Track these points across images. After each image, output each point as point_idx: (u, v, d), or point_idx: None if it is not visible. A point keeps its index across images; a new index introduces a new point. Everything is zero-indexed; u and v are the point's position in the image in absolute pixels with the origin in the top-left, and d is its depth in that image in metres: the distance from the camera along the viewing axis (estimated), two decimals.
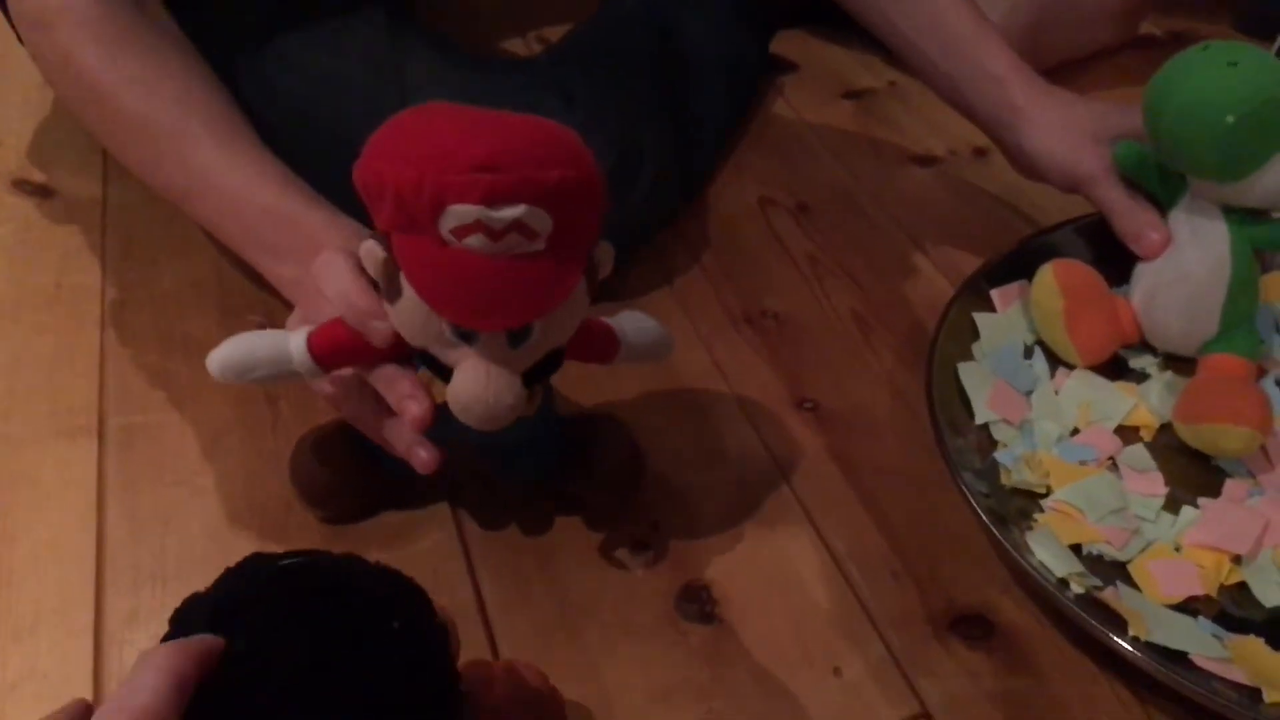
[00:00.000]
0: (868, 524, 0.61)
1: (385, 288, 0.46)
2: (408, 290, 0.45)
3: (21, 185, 0.84)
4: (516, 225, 0.42)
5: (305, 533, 0.59)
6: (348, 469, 0.57)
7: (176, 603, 0.37)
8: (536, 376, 0.48)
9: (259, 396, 0.66)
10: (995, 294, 0.68)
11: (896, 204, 0.86)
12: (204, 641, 0.33)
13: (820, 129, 0.95)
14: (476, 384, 0.45)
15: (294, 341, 0.49)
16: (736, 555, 0.59)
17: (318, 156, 0.60)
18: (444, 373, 0.47)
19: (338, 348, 0.49)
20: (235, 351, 0.49)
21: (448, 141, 0.42)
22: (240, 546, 0.58)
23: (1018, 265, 0.70)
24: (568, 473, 0.58)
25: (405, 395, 0.49)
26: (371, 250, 0.46)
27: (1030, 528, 0.56)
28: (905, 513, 0.61)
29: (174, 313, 0.73)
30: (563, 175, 0.42)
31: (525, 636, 0.54)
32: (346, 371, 0.52)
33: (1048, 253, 0.69)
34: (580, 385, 0.67)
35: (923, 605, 0.56)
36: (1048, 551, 0.54)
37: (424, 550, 0.58)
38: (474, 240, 0.42)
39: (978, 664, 0.54)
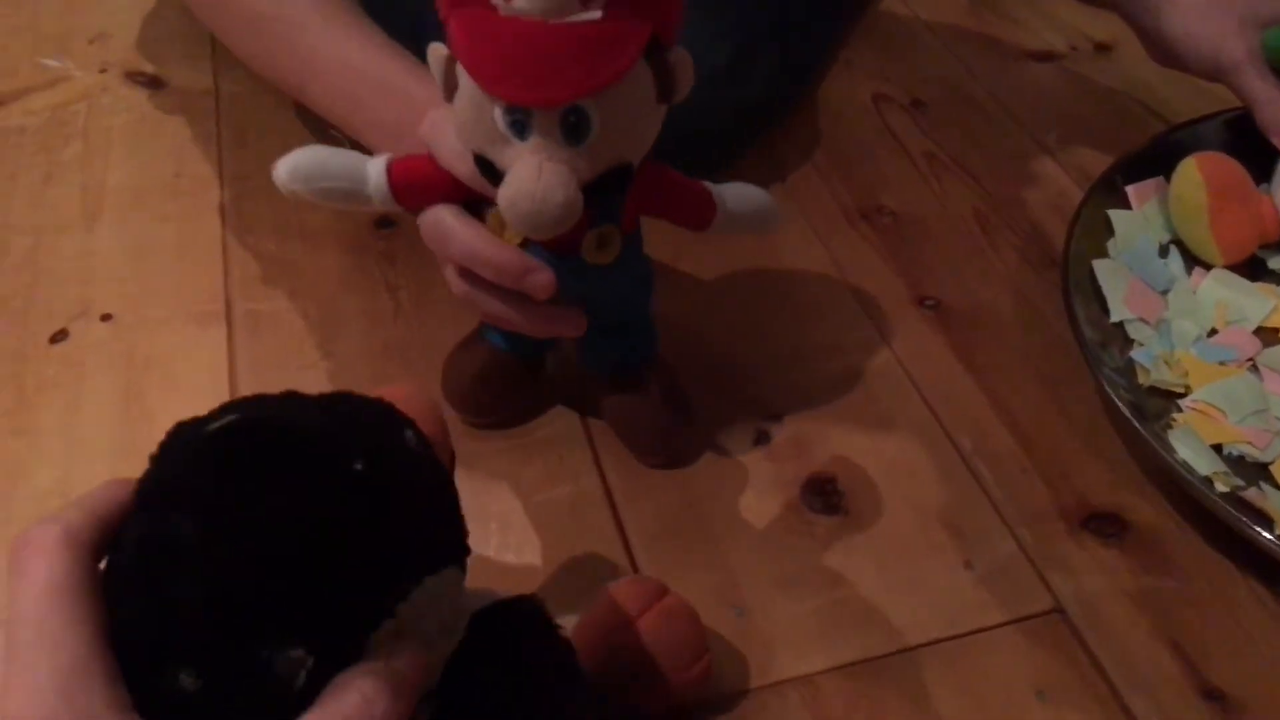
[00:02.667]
0: (994, 421, 0.60)
1: (444, 86, 0.44)
2: (463, 79, 0.43)
3: (134, 76, 0.84)
4: None
5: None
6: (504, 382, 0.57)
7: None
8: (602, 195, 0.44)
9: (380, 286, 0.66)
10: (1131, 190, 0.66)
11: (1016, 101, 0.83)
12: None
13: (935, 25, 0.92)
14: (526, 177, 0.42)
15: (373, 165, 0.47)
16: (860, 448, 0.58)
17: None
18: (501, 180, 0.44)
19: (418, 180, 0.48)
20: (308, 156, 0.48)
21: None
22: None
23: (1153, 161, 0.67)
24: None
25: (523, 268, 0.47)
26: (436, 49, 0.44)
27: (1170, 426, 0.55)
28: (1033, 411, 0.60)
29: (289, 202, 0.72)
30: None
31: (650, 524, 0.55)
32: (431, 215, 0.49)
33: (1185, 148, 0.66)
34: (695, 279, 0.67)
35: (1054, 502, 0.56)
36: (1190, 450, 0.53)
37: (549, 438, 0.58)
38: (523, 1, 0.40)
39: (1113, 561, 0.53)
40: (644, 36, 0.41)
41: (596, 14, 0.40)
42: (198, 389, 0.61)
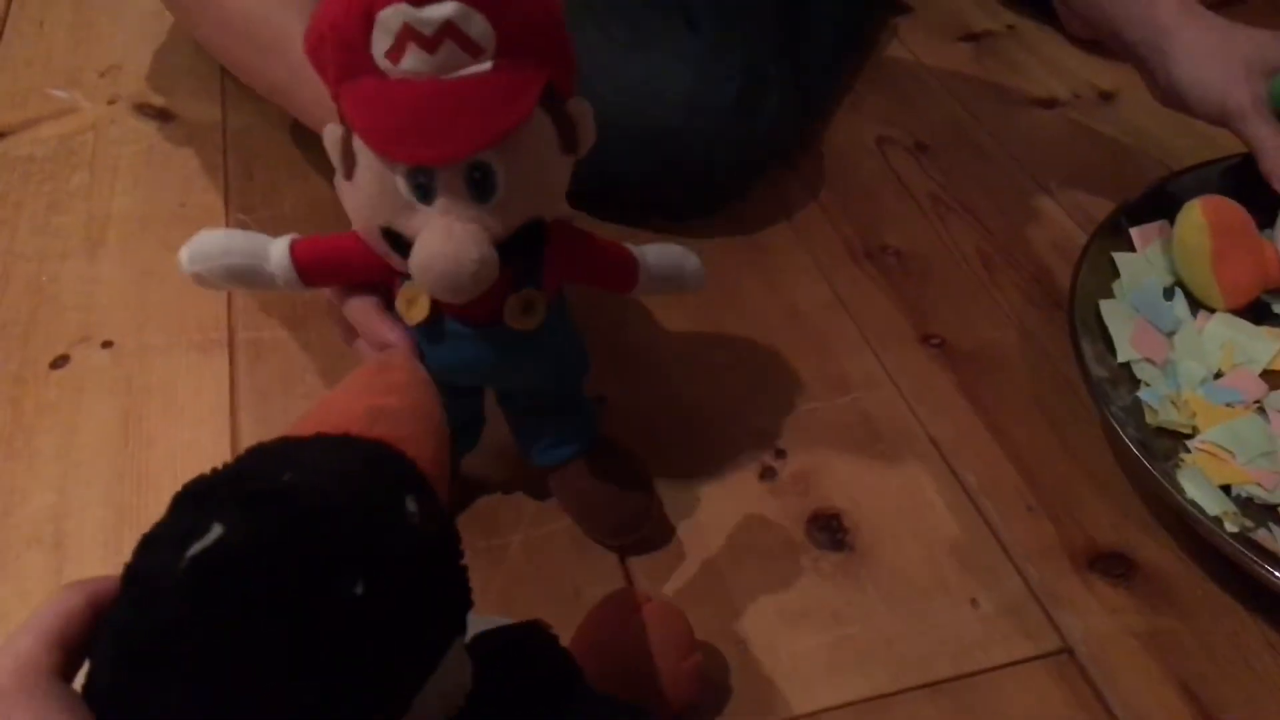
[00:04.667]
0: (1000, 459, 0.59)
1: (344, 165, 0.42)
2: (361, 153, 0.41)
3: (143, 109, 0.84)
4: (449, 29, 0.38)
5: None
6: None
7: None
8: (517, 253, 0.43)
9: None
10: (1135, 233, 0.66)
11: (1019, 145, 0.84)
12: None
13: (938, 71, 0.92)
14: (435, 239, 0.40)
15: (276, 245, 0.45)
16: (865, 484, 0.58)
17: None
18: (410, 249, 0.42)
19: (325, 258, 0.46)
20: (210, 236, 0.45)
21: None
22: None
23: (1157, 204, 0.67)
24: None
25: (378, 340, 0.46)
26: (331, 130, 0.43)
27: (1179, 466, 0.55)
28: (1039, 450, 0.60)
29: (295, 234, 0.73)
30: None
31: (653, 558, 0.54)
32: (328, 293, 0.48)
33: (1189, 192, 0.66)
34: (700, 314, 0.67)
35: (1061, 541, 0.55)
36: (1199, 490, 0.52)
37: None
38: (410, 61, 0.39)
39: (1120, 601, 0.52)
40: (538, 84, 0.40)
41: (487, 65, 0.39)
42: (198, 416, 0.60)
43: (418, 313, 0.45)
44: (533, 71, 0.40)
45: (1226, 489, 0.54)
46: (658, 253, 0.50)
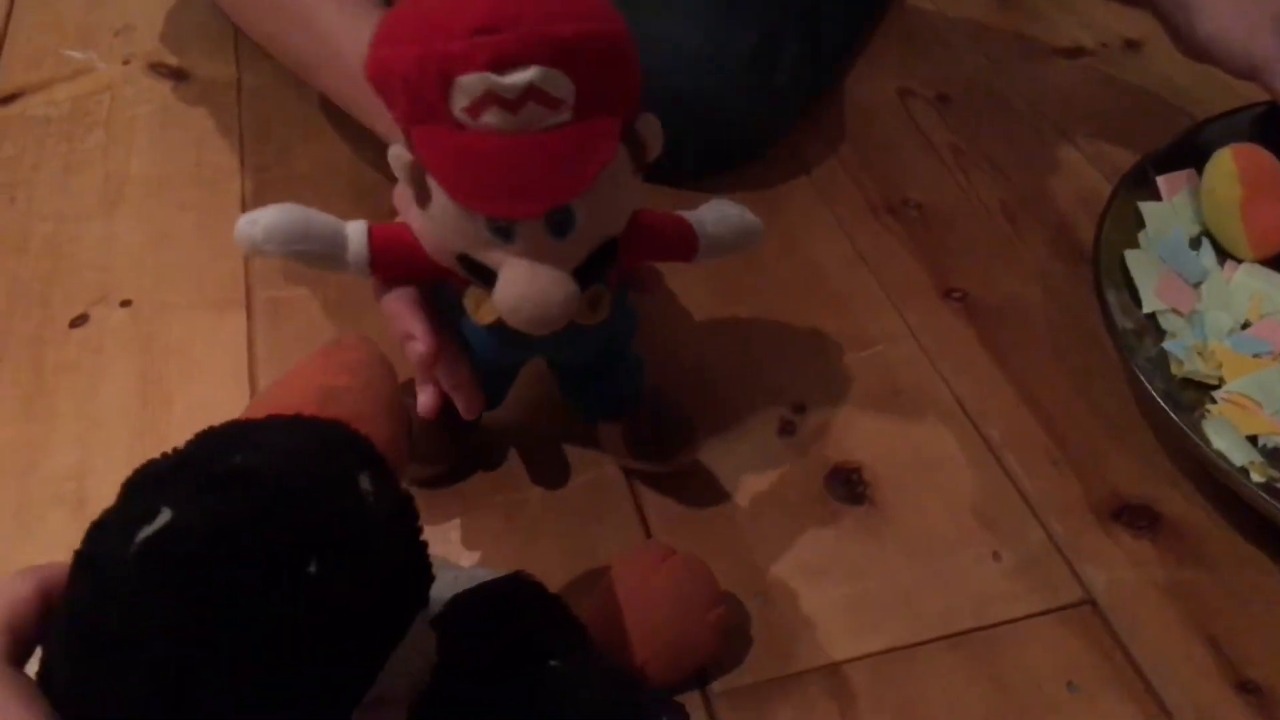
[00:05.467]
0: (1023, 413, 0.58)
1: (416, 193, 0.42)
2: (436, 190, 0.41)
3: (158, 68, 0.84)
4: (532, 92, 0.37)
5: None
6: (437, 439, 0.53)
7: None
8: (592, 272, 0.43)
9: None
10: (1162, 181, 0.65)
11: (1042, 97, 0.82)
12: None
13: (960, 21, 0.91)
14: (520, 281, 0.41)
15: (353, 227, 0.45)
16: (886, 438, 0.57)
17: None
18: (490, 279, 0.42)
19: (398, 250, 0.45)
20: (289, 216, 0.43)
21: (446, 8, 0.38)
22: None
23: (1184, 154, 0.66)
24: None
25: (405, 334, 0.46)
26: (398, 155, 0.42)
27: (1205, 417, 0.54)
28: (1063, 403, 0.59)
29: (309, 194, 0.73)
30: (577, 29, 0.38)
31: (672, 512, 0.54)
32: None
33: (1217, 141, 0.65)
34: (720, 270, 0.66)
35: (1085, 494, 0.54)
36: (1226, 440, 0.51)
37: (569, 426, 0.58)
38: (491, 117, 0.38)
39: (1145, 553, 0.52)
40: (618, 128, 0.40)
41: (567, 115, 0.39)
42: (217, 375, 0.61)
43: (486, 314, 0.45)
44: (612, 117, 0.40)
45: (1253, 440, 0.53)
46: (716, 217, 0.50)
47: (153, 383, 0.60)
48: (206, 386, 0.60)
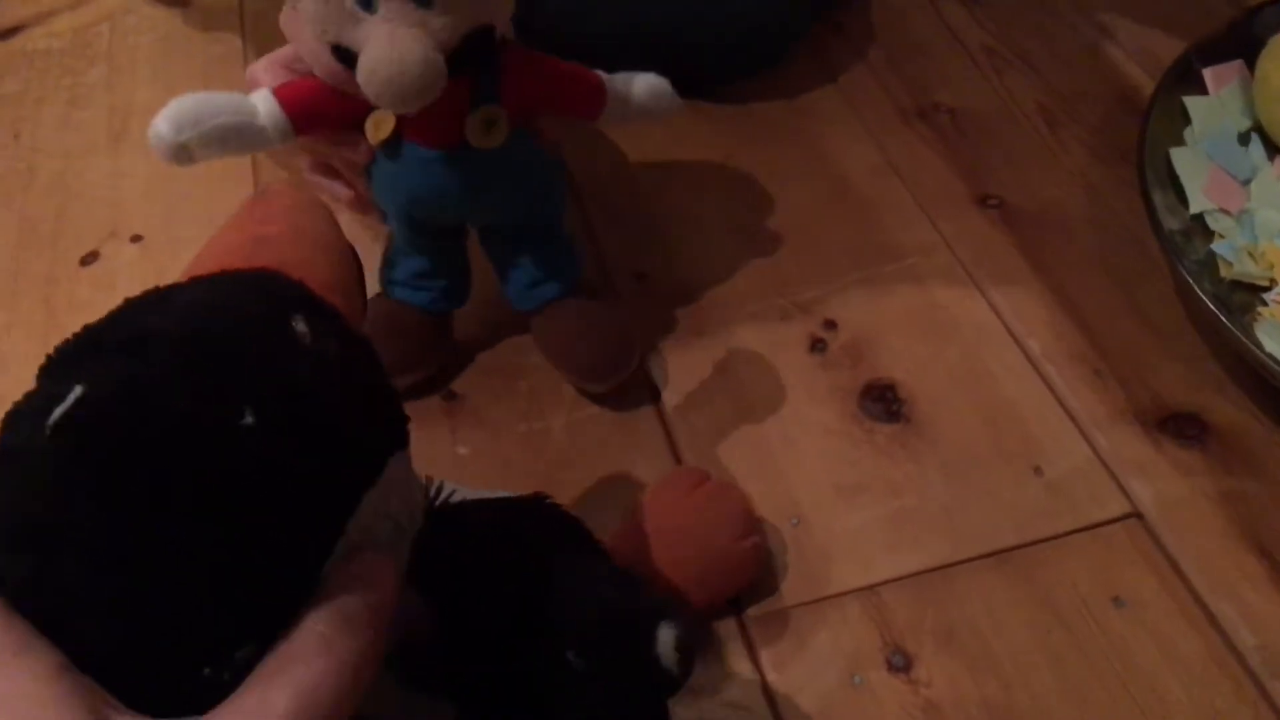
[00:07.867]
0: (1064, 322, 0.56)
1: None
2: None
3: None
4: None
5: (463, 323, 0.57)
6: (413, 339, 0.53)
7: None
8: (465, 59, 0.43)
9: None
10: (1208, 74, 0.61)
11: None
12: None
13: None
14: (380, 43, 0.40)
15: (257, 94, 0.44)
16: (921, 353, 0.55)
17: None
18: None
19: (308, 102, 0.45)
20: (187, 100, 0.43)
21: None
22: None
23: (1231, 45, 0.62)
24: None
25: (331, 195, 0.52)
26: None
27: (1256, 320, 0.51)
28: (1106, 311, 0.57)
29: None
30: None
31: (702, 435, 0.52)
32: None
33: (1268, 29, 0.61)
34: (744, 181, 0.64)
35: (1129, 404, 0.52)
36: (1278, 343, 0.49)
37: None
38: None
39: (1192, 463, 0.50)
40: None
41: None
42: None
43: (382, 132, 0.45)
44: None
45: None
46: (627, 76, 0.50)
47: None
48: None
